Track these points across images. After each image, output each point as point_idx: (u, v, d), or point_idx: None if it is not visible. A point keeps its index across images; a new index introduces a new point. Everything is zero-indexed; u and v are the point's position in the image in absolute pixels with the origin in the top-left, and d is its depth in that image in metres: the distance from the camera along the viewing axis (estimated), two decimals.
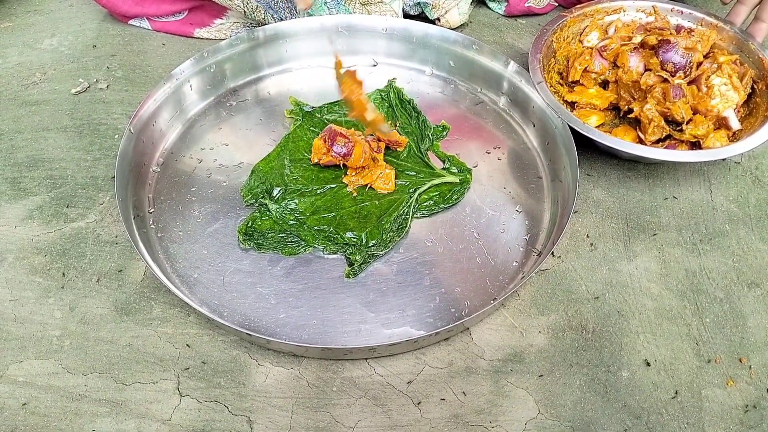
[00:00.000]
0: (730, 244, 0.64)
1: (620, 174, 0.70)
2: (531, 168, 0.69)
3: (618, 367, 0.56)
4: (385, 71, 0.79)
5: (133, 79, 0.80)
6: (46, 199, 0.67)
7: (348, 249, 0.61)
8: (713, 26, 0.74)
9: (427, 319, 0.57)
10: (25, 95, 0.78)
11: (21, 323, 0.58)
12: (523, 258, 0.61)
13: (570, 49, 0.75)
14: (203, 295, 0.59)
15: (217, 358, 0.56)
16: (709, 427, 0.53)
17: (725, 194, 0.69)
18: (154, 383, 0.54)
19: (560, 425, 0.53)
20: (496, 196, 0.66)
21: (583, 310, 0.59)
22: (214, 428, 0.52)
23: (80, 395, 0.54)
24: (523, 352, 0.57)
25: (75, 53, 0.84)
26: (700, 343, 0.58)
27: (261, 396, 0.54)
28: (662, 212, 0.67)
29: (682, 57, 0.68)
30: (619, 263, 0.63)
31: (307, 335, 0.56)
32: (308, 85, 0.77)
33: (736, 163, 0.72)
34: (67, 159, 0.71)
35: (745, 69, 0.70)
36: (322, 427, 0.52)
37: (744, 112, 0.70)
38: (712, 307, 0.60)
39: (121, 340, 0.57)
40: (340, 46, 0.79)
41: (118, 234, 0.64)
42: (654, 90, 0.67)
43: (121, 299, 0.60)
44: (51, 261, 0.62)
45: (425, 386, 0.54)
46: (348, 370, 0.55)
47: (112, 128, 0.74)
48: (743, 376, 0.56)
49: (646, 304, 0.60)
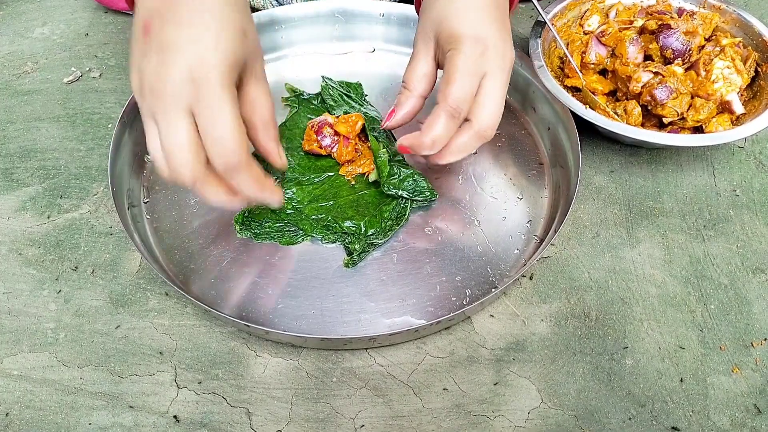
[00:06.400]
0: (734, 230, 0.64)
1: (622, 159, 0.69)
2: (532, 154, 0.68)
3: (622, 354, 0.55)
4: (383, 57, 0.78)
5: (126, 68, 0.79)
6: (39, 190, 0.66)
7: (347, 238, 0.60)
8: (716, 8, 0.73)
9: (427, 308, 0.56)
10: (16, 85, 0.77)
11: (15, 316, 0.57)
12: (525, 245, 0.61)
13: (571, 33, 0.74)
14: (200, 286, 0.58)
15: (214, 350, 0.55)
16: (715, 415, 0.52)
17: (729, 179, 0.68)
18: (151, 375, 0.54)
19: (563, 414, 0.52)
20: (496, 183, 0.65)
21: (586, 298, 0.59)
22: (213, 420, 0.51)
23: (76, 388, 0.53)
24: (526, 341, 0.56)
25: (67, 42, 0.83)
26: (704, 330, 0.57)
27: (260, 387, 0.53)
28: (665, 198, 0.66)
29: (682, 44, 0.67)
30: (622, 250, 0.62)
31: (306, 325, 0.55)
32: (304, 72, 0.76)
33: (740, 148, 0.71)
34: (60, 149, 0.70)
35: (749, 52, 0.69)
36: (322, 418, 0.51)
37: (747, 96, 0.69)
38: (717, 294, 0.59)
39: (117, 332, 0.56)
40: (337, 32, 0.78)
41: (112, 225, 0.63)
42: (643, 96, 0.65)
43: (117, 291, 0.59)
44: (45, 252, 0.61)
45: (426, 376, 0.54)
46: (348, 361, 0.55)
47: (106, 117, 0.73)
48: (749, 363, 0.55)
49: (649, 291, 0.59)
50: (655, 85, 0.64)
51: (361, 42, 0.79)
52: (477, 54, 0.53)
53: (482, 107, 0.53)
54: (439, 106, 0.54)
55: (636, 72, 0.66)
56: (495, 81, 0.53)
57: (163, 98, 0.45)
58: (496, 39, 0.54)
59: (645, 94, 0.65)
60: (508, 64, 0.54)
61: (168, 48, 0.45)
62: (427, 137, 0.54)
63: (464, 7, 0.54)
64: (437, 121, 0.53)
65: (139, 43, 0.47)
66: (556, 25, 0.74)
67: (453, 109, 0.53)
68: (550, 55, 0.72)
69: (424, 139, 0.54)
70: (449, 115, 0.53)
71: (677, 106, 0.64)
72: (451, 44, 0.54)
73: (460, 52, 0.53)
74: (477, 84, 0.53)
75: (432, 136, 0.54)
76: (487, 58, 0.53)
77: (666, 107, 0.64)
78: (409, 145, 0.56)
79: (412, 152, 0.57)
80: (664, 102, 0.64)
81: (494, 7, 0.55)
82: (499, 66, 0.53)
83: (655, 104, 0.65)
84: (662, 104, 0.64)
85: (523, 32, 0.84)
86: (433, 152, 0.55)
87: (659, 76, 0.65)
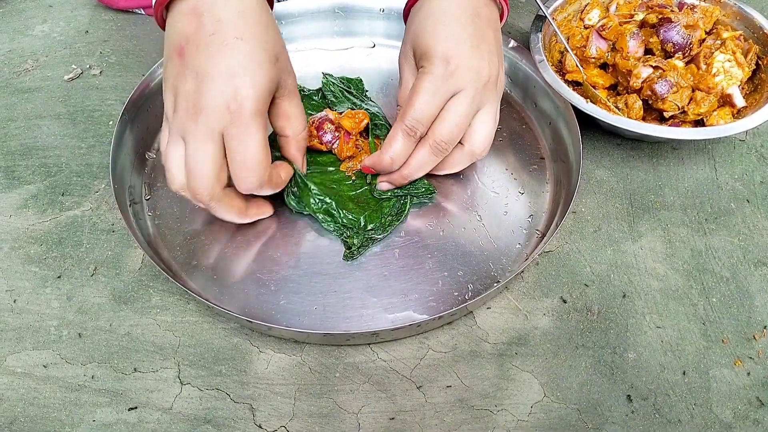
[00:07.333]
0: (735, 223, 0.64)
1: (623, 153, 0.69)
2: (533, 149, 0.68)
3: (624, 348, 0.55)
4: (383, 53, 0.77)
5: (127, 65, 0.79)
6: (41, 188, 0.66)
7: (345, 231, 0.60)
8: (716, 2, 0.73)
9: (430, 303, 0.56)
10: (17, 83, 0.77)
11: (18, 314, 0.57)
12: (526, 240, 0.61)
13: (571, 27, 0.73)
14: (202, 283, 0.58)
15: (217, 346, 0.55)
16: (717, 408, 0.52)
17: (730, 172, 0.68)
18: (155, 372, 0.54)
19: (566, 408, 0.52)
20: (497, 178, 0.65)
21: (588, 292, 0.59)
22: (216, 416, 0.51)
23: (79, 385, 0.53)
24: (528, 335, 0.56)
25: (67, 39, 0.83)
26: (707, 323, 0.57)
27: (263, 383, 0.53)
28: (667, 191, 0.66)
29: (683, 38, 0.67)
30: (624, 244, 0.62)
31: (309, 321, 0.55)
32: (305, 68, 0.76)
33: (741, 141, 0.71)
34: (61, 147, 0.70)
35: (750, 45, 0.69)
36: (326, 414, 0.52)
37: (748, 89, 0.69)
38: (719, 287, 0.59)
39: (120, 329, 0.56)
40: (337, 27, 0.78)
41: (114, 222, 0.63)
42: (644, 91, 0.65)
43: (119, 288, 0.59)
44: (47, 250, 0.61)
45: (429, 371, 0.54)
46: (351, 356, 0.55)
47: (107, 114, 0.73)
48: (751, 356, 0.55)
49: (651, 285, 0.59)
50: (656, 79, 0.64)
51: (362, 37, 0.79)
52: (445, 74, 0.53)
53: (441, 121, 0.55)
54: (396, 124, 0.56)
55: (636, 67, 0.66)
56: (463, 99, 0.54)
57: (197, 121, 0.48)
58: (470, 57, 0.54)
59: (645, 88, 0.65)
60: (483, 81, 0.54)
61: (204, 76, 0.48)
62: (386, 155, 0.57)
63: (439, 23, 0.55)
64: (395, 139, 0.56)
65: (173, 64, 0.49)
66: (557, 19, 0.74)
67: (408, 128, 0.55)
68: (550, 49, 0.72)
69: (384, 157, 0.57)
70: (405, 133, 0.55)
71: (678, 100, 0.64)
72: (422, 62, 0.55)
73: (428, 72, 0.54)
74: (441, 104, 0.54)
75: (390, 154, 0.56)
76: (456, 78, 0.53)
77: (666, 101, 0.64)
78: (371, 165, 0.59)
79: (375, 171, 0.60)
80: (665, 96, 0.64)
81: (471, 23, 0.55)
82: (472, 83, 0.54)
83: (655, 98, 0.65)
84: (663, 98, 0.64)
85: (524, 26, 0.84)
86: (393, 170, 0.58)
87: (659, 71, 0.65)
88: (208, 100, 0.47)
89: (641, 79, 0.65)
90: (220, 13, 0.48)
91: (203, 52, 0.48)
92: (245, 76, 0.48)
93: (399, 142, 0.56)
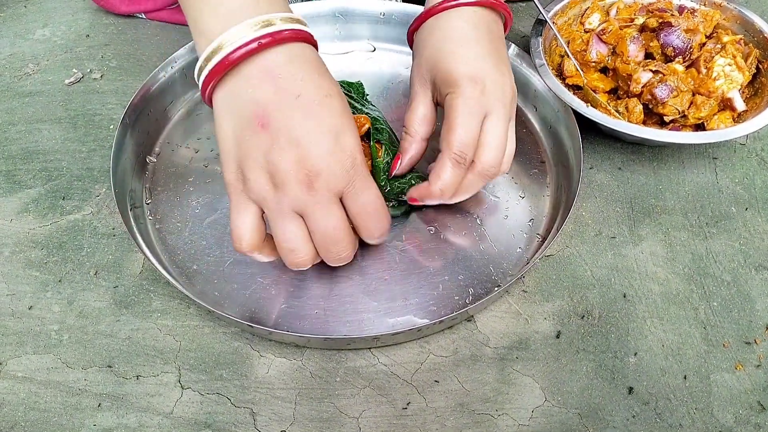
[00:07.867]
0: (736, 227, 0.64)
1: (624, 157, 0.69)
2: (533, 153, 0.68)
3: (625, 352, 0.55)
4: (384, 57, 0.78)
5: (128, 69, 0.79)
6: (42, 192, 0.66)
7: None
8: (717, 6, 0.73)
9: (430, 308, 0.56)
10: (17, 87, 0.77)
11: (18, 318, 0.57)
12: (527, 244, 0.61)
13: (571, 31, 0.74)
14: (203, 287, 0.58)
15: (218, 350, 0.55)
16: (718, 412, 0.52)
17: (731, 176, 0.68)
18: (155, 376, 0.54)
19: (567, 412, 0.52)
20: (498, 182, 0.65)
21: (589, 296, 0.59)
22: (217, 421, 0.51)
23: (80, 390, 0.53)
24: (529, 339, 0.56)
25: (68, 43, 0.83)
26: (707, 327, 0.57)
27: (264, 387, 0.53)
28: (667, 195, 0.66)
29: (683, 42, 0.67)
30: (625, 248, 0.62)
31: (309, 325, 0.55)
32: None
33: (741, 145, 0.71)
34: (61, 151, 0.70)
35: (750, 49, 0.69)
36: (327, 418, 0.52)
37: (749, 93, 0.69)
38: (720, 291, 0.59)
39: (121, 333, 0.56)
40: (337, 31, 0.78)
41: (115, 226, 0.63)
42: (644, 95, 0.66)
43: (120, 292, 0.59)
44: (48, 254, 0.61)
45: (430, 375, 0.54)
46: (351, 360, 0.55)
47: (107, 119, 0.73)
48: (752, 360, 0.55)
49: (652, 289, 0.59)
50: (656, 83, 0.64)
51: (362, 41, 0.79)
52: (477, 94, 0.52)
53: (484, 147, 0.53)
54: (443, 154, 0.53)
55: (636, 71, 0.66)
56: (497, 119, 0.53)
57: (314, 188, 0.45)
58: (494, 74, 0.53)
59: (646, 93, 0.65)
60: (509, 97, 0.54)
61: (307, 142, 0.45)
62: (436, 186, 0.54)
63: (458, 44, 0.54)
64: (444, 169, 0.54)
65: (257, 138, 0.45)
66: (557, 23, 0.74)
67: (458, 155, 0.53)
68: (551, 53, 0.72)
69: (433, 189, 0.55)
70: (455, 162, 0.53)
71: (678, 104, 0.64)
72: (449, 87, 0.53)
73: (459, 95, 0.53)
74: (479, 125, 0.53)
75: (440, 185, 0.54)
76: (486, 95, 0.53)
77: (667, 106, 0.65)
78: (418, 197, 0.57)
79: (422, 203, 0.58)
80: (665, 100, 0.64)
81: (488, 40, 0.55)
82: (500, 101, 0.53)
83: (656, 103, 0.65)
84: (663, 103, 0.64)
85: (524, 30, 0.84)
86: (443, 200, 0.56)
87: (660, 75, 0.65)
88: (322, 163, 0.45)
89: (641, 83, 0.65)
90: (297, 73, 0.46)
91: (295, 116, 0.45)
92: (348, 130, 0.47)
93: (448, 172, 0.53)
